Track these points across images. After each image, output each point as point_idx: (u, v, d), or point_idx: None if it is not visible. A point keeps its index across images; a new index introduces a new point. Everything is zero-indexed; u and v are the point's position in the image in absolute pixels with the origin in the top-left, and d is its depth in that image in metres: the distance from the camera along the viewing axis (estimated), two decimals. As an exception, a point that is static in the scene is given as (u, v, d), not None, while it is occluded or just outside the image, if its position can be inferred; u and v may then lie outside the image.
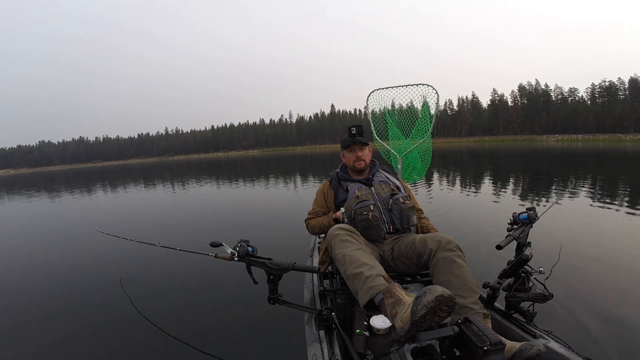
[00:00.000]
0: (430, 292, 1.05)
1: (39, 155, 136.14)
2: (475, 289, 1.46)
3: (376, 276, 1.35)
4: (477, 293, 1.46)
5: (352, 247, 1.52)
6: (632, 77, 65.66)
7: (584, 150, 25.60)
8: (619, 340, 2.05)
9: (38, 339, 2.55)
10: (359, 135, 2.06)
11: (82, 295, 3.32)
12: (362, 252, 1.50)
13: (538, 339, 1.32)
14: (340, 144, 2.15)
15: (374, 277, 1.35)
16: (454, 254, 1.51)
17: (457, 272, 1.46)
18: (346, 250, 1.50)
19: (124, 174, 28.77)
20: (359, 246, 1.54)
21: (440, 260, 1.51)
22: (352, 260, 1.44)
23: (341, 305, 1.74)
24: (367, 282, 1.34)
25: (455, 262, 1.48)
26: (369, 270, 1.38)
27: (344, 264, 1.46)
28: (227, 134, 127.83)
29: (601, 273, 3.02)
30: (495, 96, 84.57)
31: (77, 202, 11.54)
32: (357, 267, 1.41)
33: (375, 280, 1.33)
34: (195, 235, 5.46)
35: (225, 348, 2.25)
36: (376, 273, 1.36)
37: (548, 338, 1.32)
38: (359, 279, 1.37)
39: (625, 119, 59.46)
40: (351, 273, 1.41)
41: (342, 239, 1.56)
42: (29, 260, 4.70)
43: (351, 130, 2.06)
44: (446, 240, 1.55)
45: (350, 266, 1.43)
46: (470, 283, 1.45)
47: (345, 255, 1.48)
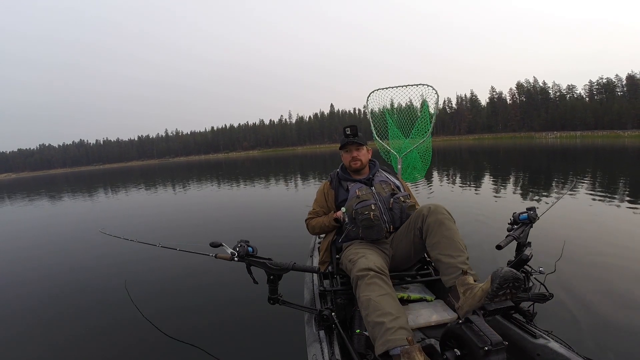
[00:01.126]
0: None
1: (40, 159, 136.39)
2: (464, 249, 1.55)
3: (398, 329, 1.29)
4: (465, 253, 1.54)
5: (379, 292, 1.42)
6: (630, 74, 65.57)
7: (583, 147, 25.61)
8: (619, 340, 2.05)
9: (41, 340, 2.57)
10: (353, 136, 2.07)
11: (84, 296, 3.35)
12: (388, 299, 1.41)
13: (538, 339, 1.32)
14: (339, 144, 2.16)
15: (396, 329, 1.29)
16: (444, 217, 1.62)
17: (446, 234, 1.57)
18: (372, 294, 1.41)
19: (125, 177, 28.83)
20: (386, 291, 1.44)
21: (431, 223, 1.63)
22: (377, 307, 1.36)
23: (341, 305, 1.74)
24: (387, 333, 1.28)
25: (444, 224, 1.59)
26: (392, 321, 1.31)
27: (367, 308, 1.39)
28: (227, 135, 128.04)
29: (601, 273, 3.01)
30: (494, 94, 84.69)
31: (79, 204, 11.58)
32: (380, 315, 1.34)
33: (396, 333, 1.28)
34: (196, 235, 5.48)
35: (226, 348, 2.26)
36: (398, 326, 1.30)
37: (548, 338, 1.32)
38: (380, 328, 1.31)
39: (623, 115, 59.43)
40: (372, 320, 1.35)
41: (369, 282, 1.46)
42: (32, 261, 4.74)
43: (345, 130, 2.08)
44: (435, 205, 1.68)
45: (373, 312, 1.36)
46: (459, 244, 1.55)
47: (371, 300, 1.39)
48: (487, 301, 1.26)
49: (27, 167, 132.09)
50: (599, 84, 70.83)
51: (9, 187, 29.48)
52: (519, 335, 1.39)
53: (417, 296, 1.76)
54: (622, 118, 59.11)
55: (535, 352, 1.30)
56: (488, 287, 1.26)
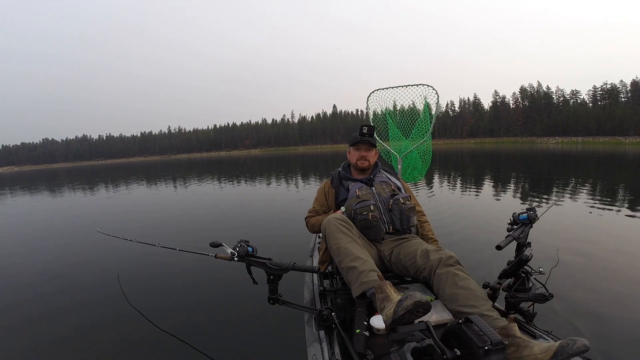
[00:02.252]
0: (410, 298, 1.17)
1: (43, 153, 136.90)
2: (485, 297, 1.41)
3: (369, 271, 1.45)
4: (489, 301, 1.40)
5: (346, 239, 1.61)
6: (634, 80, 65.37)
7: (584, 153, 25.58)
8: (619, 340, 2.05)
9: (37, 338, 2.55)
10: (369, 136, 2.08)
11: (82, 295, 3.31)
12: (355, 245, 1.59)
13: (538, 339, 1.32)
14: (349, 140, 2.16)
15: (367, 272, 1.45)
16: (455, 268, 1.48)
17: (461, 284, 1.42)
18: (340, 242, 1.60)
19: (127, 172, 28.82)
20: (352, 238, 1.63)
21: (442, 275, 1.48)
22: (347, 253, 1.54)
23: (341, 305, 1.74)
24: (361, 276, 1.44)
25: (458, 275, 1.45)
26: (362, 264, 1.48)
27: (339, 255, 1.57)
28: (230, 133, 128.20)
29: (601, 273, 3.02)
30: (497, 98, 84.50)
31: (78, 201, 11.56)
32: (351, 260, 1.51)
33: (367, 275, 1.44)
34: (195, 235, 5.46)
35: (226, 348, 2.26)
36: (369, 268, 1.47)
37: (548, 338, 1.31)
38: (353, 272, 1.48)
39: (625, 121, 59.32)
40: (345, 266, 1.52)
41: (337, 229, 1.64)
42: (29, 259, 4.67)
43: (362, 129, 2.08)
44: (447, 256, 1.52)
45: (344, 259, 1.53)
46: (478, 292, 1.40)
47: (340, 247, 1.58)
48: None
49: (29, 161, 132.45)
50: (603, 89, 70.62)
51: (10, 180, 29.53)
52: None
53: (417, 297, 1.75)
54: (625, 124, 58.97)
55: None
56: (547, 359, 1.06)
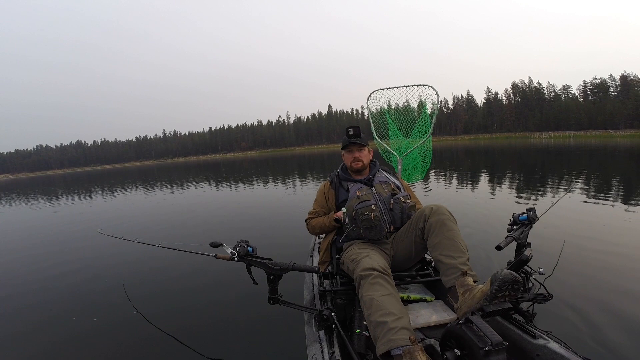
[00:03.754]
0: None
1: (37, 160, 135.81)
2: (465, 250, 1.55)
3: (400, 329, 1.29)
4: (466, 254, 1.54)
5: (382, 292, 1.42)
6: (623, 74, 66.20)
7: (576, 147, 25.75)
8: (619, 340, 2.04)
9: (40, 341, 2.55)
10: (355, 137, 2.07)
11: (83, 296, 3.33)
12: (391, 299, 1.40)
13: (538, 340, 1.32)
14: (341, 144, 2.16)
15: (398, 329, 1.29)
16: (445, 218, 1.62)
17: (447, 234, 1.57)
18: (375, 294, 1.41)
19: (123, 177, 28.70)
20: (389, 291, 1.44)
21: (432, 223, 1.63)
22: (379, 307, 1.36)
23: (341, 306, 1.74)
24: (390, 333, 1.28)
25: (445, 225, 1.60)
26: (395, 321, 1.31)
27: (370, 307, 1.39)
28: (225, 135, 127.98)
29: (601, 273, 3.01)
30: (490, 94, 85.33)
31: (77, 205, 11.52)
32: (383, 315, 1.34)
33: (398, 333, 1.28)
34: (195, 235, 5.46)
35: (226, 348, 2.25)
36: (401, 326, 1.30)
37: (547, 338, 1.32)
38: (382, 327, 1.31)
39: (615, 115, 59.99)
40: (375, 320, 1.35)
41: (372, 282, 1.46)
42: (31, 262, 4.70)
43: (348, 131, 2.08)
44: (437, 206, 1.68)
45: (376, 312, 1.36)
46: (460, 245, 1.55)
47: (374, 299, 1.39)
48: (485, 303, 1.28)
49: (24, 168, 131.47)
50: (593, 84, 71.47)
51: (6, 189, 29.31)
52: (518, 336, 1.40)
53: (417, 296, 1.76)
54: (615, 118, 59.69)
55: (534, 353, 1.30)
56: (487, 289, 1.27)
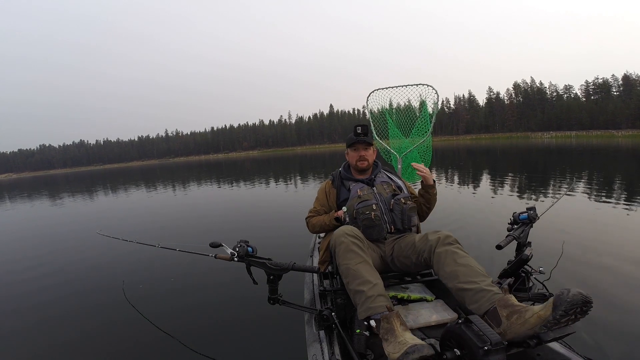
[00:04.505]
0: (417, 352, 1.08)
1: (40, 159, 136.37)
2: (485, 273, 1.41)
3: (377, 297, 1.38)
4: (489, 276, 1.41)
5: (357, 260, 1.50)
6: (625, 74, 65.82)
7: (578, 147, 25.73)
8: (619, 340, 2.04)
9: (40, 341, 2.56)
10: (363, 135, 2.06)
11: (83, 297, 3.33)
12: (365, 266, 1.49)
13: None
14: (345, 142, 2.15)
15: (375, 297, 1.38)
16: (454, 247, 1.51)
17: (461, 261, 1.44)
18: (350, 262, 1.50)
19: (126, 177, 28.80)
20: (362, 258, 1.52)
21: (441, 254, 1.50)
22: (355, 276, 1.46)
23: (341, 305, 1.74)
24: (368, 301, 1.38)
25: (457, 253, 1.48)
26: (371, 289, 1.40)
27: (347, 276, 1.49)
28: (227, 135, 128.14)
29: (602, 272, 3.00)
30: (492, 94, 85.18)
31: (77, 205, 11.56)
32: (360, 284, 1.43)
33: (375, 301, 1.37)
34: (195, 235, 5.47)
35: (226, 348, 2.26)
36: (377, 293, 1.39)
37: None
38: (360, 296, 1.41)
39: (617, 115, 59.67)
40: (353, 289, 1.45)
41: (346, 249, 1.53)
42: (30, 263, 4.70)
43: (356, 129, 2.06)
44: (445, 235, 1.56)
45: (353, 281, 1.46)
46: (478, 269, 1.41)
47: (349, 268, 1.49)
48: (543, 329, 1.10)
49: (27, 168, 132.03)
50: (595, 84, 71.09)
51: (9, 188, 29.46)
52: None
53: (417, 296, 1.75)
54: (617, 118, 59.38)
55: (535, 352, 1.29)
56: (548, 314, 1.09)
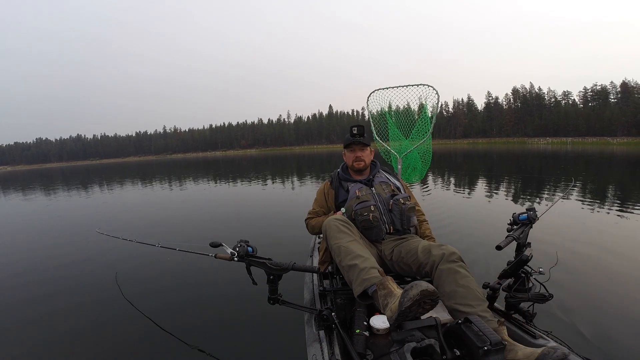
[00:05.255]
0: (415, 287, 1.16)
1: (36, 153, 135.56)
2: (483, 298, 1.43)
3: (370, 268, 1.42)
4: (486, 302, 1.43)
5: (347, 238, 1.59)
6: (624, 81, 66.46)
7: (574, 153, 26.02)
8: (618, 340, 2.06)
9: (37, 339, 2.54)
10: (359, 136, 2.06)
11: (82, 297, 3.29)
12: (356, 244, 1.57)
13: (537, 339, 1.33)
14: (343, 143, 2.15)
15: (368, 269, 1.42)
16: (457, 265, 1.48)
17: (461, 282, 1.43)
18: (341, 241, 1.57)
19: (123, 172, 28.61)
20: (353, 237, 1.61)
21: (444, 272, 1.48)
22: (347, 252, 1.52)
23: (341, 305, 1.74)
24: (362, 274, 1.41)
25: (459, 273, 1.46)
26: (363, 262, 1.45)
27: (339, 254, 1.54)
28: (226, 133, 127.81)
29: (601, 273, 3.02)
30: (490, 99, 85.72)
31: (75, 202, 11.43)
32: (352, 258, 1.48)
33: (369, 272, 1.41)
34: (195, 235, 5.44)
35: (226, 348, 2.25)
36: (370, 265, 1.44)
37: (548, 338, 1.32)
38: (354, 270, 1.44)
39: (613, 122, 60.37)
40: (346, 264, 1.49)
41: (337, 229, 1.63)
42: (27, 261, 4.63)
43: (352, 130, 2.07)
44: (449, 252, 1.52)
45: (345, 257, 1.51)
46: (477, 292, 1.42)
47: (341, 246, 1.55)
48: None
49: (23, 161, 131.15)
50: (593, 90, 71.78)
51: (4, 181, 29.18)
52: (518, 336, 1.40)
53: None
54: (613, 125, 60.07)
55: None
56: None
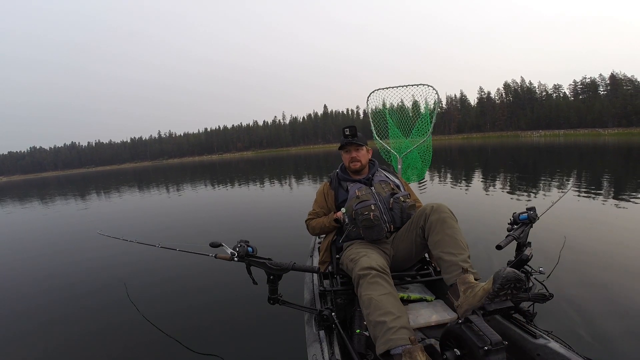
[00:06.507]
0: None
1: (31, 162, 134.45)
2: (465, 247, 1.54)
3: (399, 329, 1.30)
4: (467, 251, 1.53)
5: (381, 291, 1.42)
6: (612, 74, 67.26)
7: (566, 145, 26.31)
8: (619, 340, 2.05)
9: (41, 342, 2.55)
10: (352, 136, 2.06)
11: (84, 297, 3.32)
12: (390, 298, 1.41)
13: (538, 339, 1.32)
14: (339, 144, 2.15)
15: (397, 329, 1.29)
16: (446, 215, 1.62)
17: (448, 232, 1.57)
18: (374, 293, 1.41)
19: (119, 179, 28.46)
20: (388, 290, 1.44)
21: (433, 221, 1.62)
22: (378, 307, 1.37)
23: (341, 305, 1.74)
24: (389, 333, 1.29)
25: (446, 222, 1.59)
26: (394, 321, 1.32)
27: (369, 307, 1.39)
28: (221, 136, 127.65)
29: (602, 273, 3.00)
30: (483, 94, 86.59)
31: (75, 207, 11.40)
32: (382, 314, 1.34)
33: (398, 333, 1.29)
34: (195, 235, 5.45)
35: (226, 348, 2.25)
36: (400, 325, 1.31)
37: (548, 338, 1.31)
38: (381, 327, 1.32)
39: (604, 114, 61.18)
40: (374, 319, 1.35)
41: (371, 281, 1.46)
42: (31, 264, 4.69)
43: (344, 131, 2.07)
44: (438, 204, 1.68)
45: (374, 312, 1.36)
46: (460, 242, 1.54)
47: (372, 299, 1.40)
48: (487, 301, 1.26)
49: (18, 170, 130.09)
50: (583, 83, 72.66)
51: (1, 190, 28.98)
52: (519, 335, 1.39)
53: (417, 296, 1.76)
54: (603, 117, 60.85)
55: (535, 352, 1.30)
56: (489, 287, 1.25)
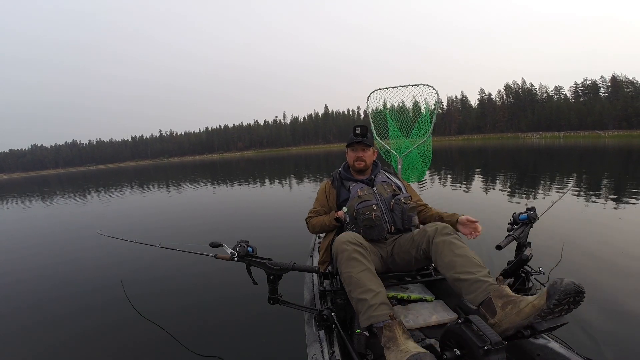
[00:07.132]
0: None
1: (32, 159, 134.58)
2: (482, 264, 1.43)
3: (380, 305, 1.37)
4: (485, 268, 1.42)
5: (359, 268, 1.48)
6: (613, 76, 67.18)
7: (566, 147, 26.35)
8: (619, 340, 2.05)
9: (40, 342, 2.55)
10: (362, 136, 2.06)
11: (83, 297, 3.33)
12: (368, 274, 1.47)
13: (538, 339, 1.32)
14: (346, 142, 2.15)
15: (378, 305, 1.37)
16: (452, 237, 1.53)
17: (458, 252, 1.46)
18: (353, 270, 1.48)
19: (120, 177, 28.52)
20: (365, 266, 1.50)
21: (439, 244, 1.52)
22: (358, 284, 1.44)
23: (341, 305, 1.73)
24: (371, 310, 1.36)
25: (454, 244, 1.50)
26: (374, 298, 1.39)
27: (349, 284, 1.47)
28: (222, 135, 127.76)
29: (602, 273, 3.00)
30: (483, 95, 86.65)
31: (75, 205, 11.42)
32: (362, 292, 1.41)
33: (378, 309, 1.36)
34: (195, 235, 5.45)
35: (226, 348, 2.25)
36: (380, 302, 1.38)
37: (548, 338, 1.31)
38: (363, 304, 1.39)
39: (604, 116, 61.19)
40: (355, 297, 1.43)
41: (349, 257, 1.51)
42: (30, 263, 4.68)
43: (355, 129, 2.08)
44: (442, 226, 1.58)
45: (355, 289, 1.44)
46: (475, 260, 1.43)
47: (352, 277, 1.47)
48: (537, 319, 1.13)
49: (19, 168, 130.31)
50: (584, 85, 72.58)
51: (1, 188, 29.02)
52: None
53: (417, 296, 1.75)
54: (604, 119, 60.87)
55: (535, 352, 1.30)
56: (542, 303, 1.11)
